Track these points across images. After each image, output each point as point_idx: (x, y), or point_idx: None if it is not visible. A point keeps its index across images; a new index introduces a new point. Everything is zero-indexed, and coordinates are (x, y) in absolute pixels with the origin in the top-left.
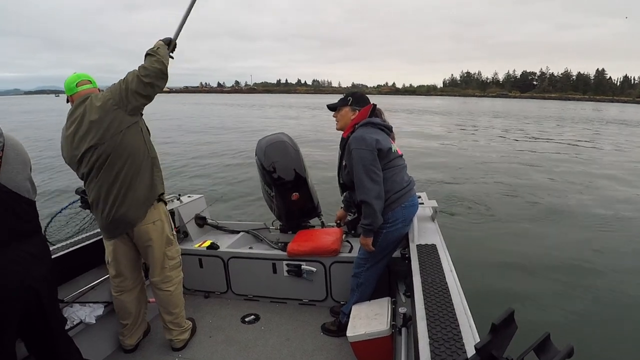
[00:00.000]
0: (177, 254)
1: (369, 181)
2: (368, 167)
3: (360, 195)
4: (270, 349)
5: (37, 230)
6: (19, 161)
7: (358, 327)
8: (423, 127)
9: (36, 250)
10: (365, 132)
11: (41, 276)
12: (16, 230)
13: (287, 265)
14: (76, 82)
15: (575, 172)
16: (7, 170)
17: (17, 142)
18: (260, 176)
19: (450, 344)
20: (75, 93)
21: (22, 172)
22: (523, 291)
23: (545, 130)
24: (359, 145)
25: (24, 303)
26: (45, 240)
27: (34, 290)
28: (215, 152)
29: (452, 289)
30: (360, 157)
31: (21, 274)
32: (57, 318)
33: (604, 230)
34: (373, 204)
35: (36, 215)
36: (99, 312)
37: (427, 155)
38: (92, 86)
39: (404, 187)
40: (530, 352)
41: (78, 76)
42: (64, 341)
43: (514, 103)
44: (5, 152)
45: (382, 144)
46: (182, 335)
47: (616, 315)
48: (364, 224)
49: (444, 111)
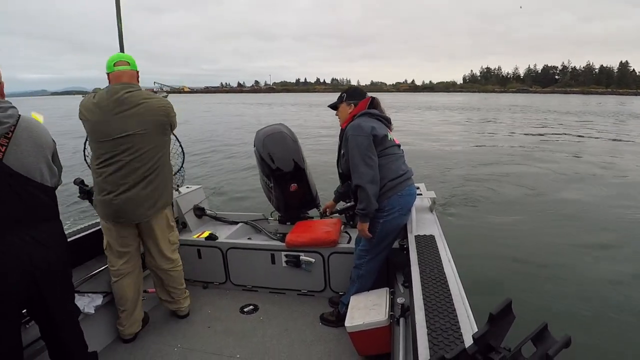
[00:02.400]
0: (177, 238)
1: (364, 165)
2: (363, 152)
3: (355, 180)
4: (268, 339)
5: (50, 217)
6: (32, 144)
7: (356, 318)
8: (434, 124)
9: (44, 237)
10: (362, 120)
11: (43, 263)
12: (20, 214)
13: (285, 256)
14: (114, 62)
15: (580, 164)
16: (14, 151)
17: (35, 124)
18: (258, 167)
19: (448, 334)
20: (112, 72)
21: (35, 154)
22: (521, 281)
23: (563, 124)
24: (355, 132)
25: (23, 287)
26: (60, 228)
27: (32, 276)
28: (215, 142)
29: (450, 280)
30: (356, 142)
31: (20, 258)
32: (63, 309)
33: (605, 223)
34: (367, 188)
35: (51, 200)
36: (97, 302)
37: (428, 148)
38: (130, 68)
39: (401, 175)
40: (528, 342)
41: (118, 56)
42: (70, 330)
43: (534, 98)
44: (16, 133)
45: (377, 130)
46: (186, 302)
47: (614, 306)
48: (359, 209)
49: (461, 107)
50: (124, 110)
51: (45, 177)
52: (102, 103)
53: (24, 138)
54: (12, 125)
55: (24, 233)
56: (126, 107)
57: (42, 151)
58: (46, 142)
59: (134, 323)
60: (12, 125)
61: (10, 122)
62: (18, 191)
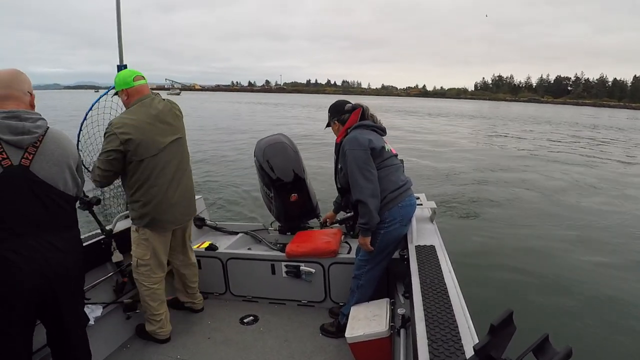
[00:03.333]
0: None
1: (363, 180)
2: (362, 166)
3: (355, 195)
4: (269, 350)
5: (69, 225)
6: (58, 154)
7: (357, 328)
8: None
9: (62, 243)
10: (358, 133)
11: (61, 268)
12: (41, 219)
13: (285, 266)
14: (133, 77)
15: (583, 176)
16: (41, 160)
17: (61, 136)
18: (259, 177)
19: (449, 345)
20: (132, 87)
21: (59, 164)
22: (522, 292)
23: (572, 135)
24: (352, 146)
25: (37, 292)
26: (77, 236)
27: (48, 280)
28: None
29: (450, 290)
30: (354, 157)
31: (37, 262)
32: (74, 314)
33: (607, 233)
34: (368, 202)
35: (71, 209)
36: (97, 313)
37: (431, 157)
38: (145, 82)
39: (400, 187)
40: (529, 353)
41: (133, 72)
42: (78, 337)
43: (546, 108)
44: (44, 142)
45: (374, 143)
46: (200, 297)
47: (616, 317)
48: (361, 224)
49: (472, 114)
50: (170, 119)
51: (67, 186)
52: (158, 116)
53: (51, 148)
54: (41, 135)
55: (43, 238)
56: (169, 116)
57: (66, 161)
58: (72, 153)
59: (169, 321)
60: (40, 135)
61: (39, 133)
62: (41, 198)
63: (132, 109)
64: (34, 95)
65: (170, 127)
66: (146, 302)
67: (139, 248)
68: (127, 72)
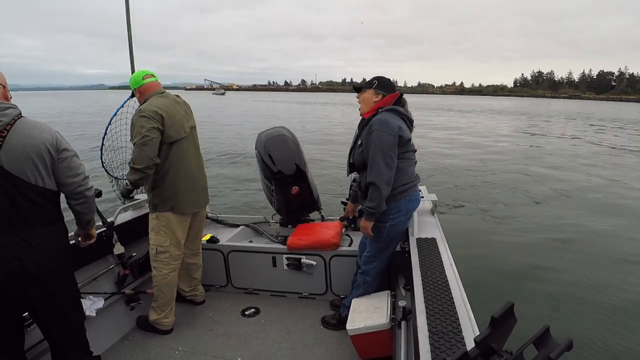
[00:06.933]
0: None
1: (384, 165)
2: (386, 151)
3: (371, 177)
4: (270, 342)
5: (48, 220)
6: (27, 143)
7: (358, 321)
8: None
9: (37, 240)
10: (389, 117)
11: (34, 265)
12: (11, 214)
13: (287, 258)
14: (142, 76)
15: (590, 169)
16: (6, 150)
17: (33, 125)
18: (260, 170)
19: (449, 337)
20: (142, 85)
21: (28, 155)
22: (523, 285)
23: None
24: (382, 128)
25: (9, 289)
26: (58, 231)
27: (19, 280)
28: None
29: (451, 283)
30: (380, 139)
31: (7, 260)
32: (57, 312)
33: (609, 224)
34: (382, 188)
35: (49, 205)
36: (99, 304)
37: (438, 152)
38: (155, 79)
39: (412, 181)
40: (530, 345)
41: (143, 71)
42: (66, 334)
43: (587, 105)
44: (12, 132)
45: (404, 132)
46: (201, 289)
47: (617, 309)
48: (369, 207)
49: (509, 111)
50: (185, 108)
51: (40, 179)
52: (178, 103)
53: (18, 137)
54: (7, 124)
55: (15, 235)
56: (184, 106)
57: (37, 152)
58: (44, 143)
59: (174, 312)
60: (7, 124)
61: (4, 121)
62: (9, 191)
63: (150, 100)
64: (7, 88)
65: (187, 115)
66: (160, 290)
67: (158, 235)
68: (137, 73)
